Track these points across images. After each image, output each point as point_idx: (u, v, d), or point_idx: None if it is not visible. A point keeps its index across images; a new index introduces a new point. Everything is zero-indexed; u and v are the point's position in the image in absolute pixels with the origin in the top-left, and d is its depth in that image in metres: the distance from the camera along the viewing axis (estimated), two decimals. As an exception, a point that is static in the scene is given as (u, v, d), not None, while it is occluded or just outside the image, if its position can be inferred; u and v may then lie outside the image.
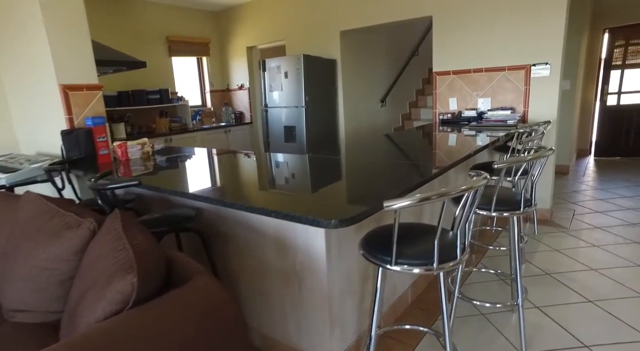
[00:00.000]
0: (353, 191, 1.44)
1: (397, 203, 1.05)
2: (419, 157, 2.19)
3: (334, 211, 1.18)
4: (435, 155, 2.22)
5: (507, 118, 3.41)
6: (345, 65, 4.75)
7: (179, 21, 5.42)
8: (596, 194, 4.28)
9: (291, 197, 1.38)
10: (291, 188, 1.53)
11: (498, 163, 1.53)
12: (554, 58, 3.31)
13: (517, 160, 1.60)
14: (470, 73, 3.76)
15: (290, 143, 4.56)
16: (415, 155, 2.26)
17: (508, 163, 1.54)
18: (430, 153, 2.30)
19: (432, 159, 2.09)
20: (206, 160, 2.41)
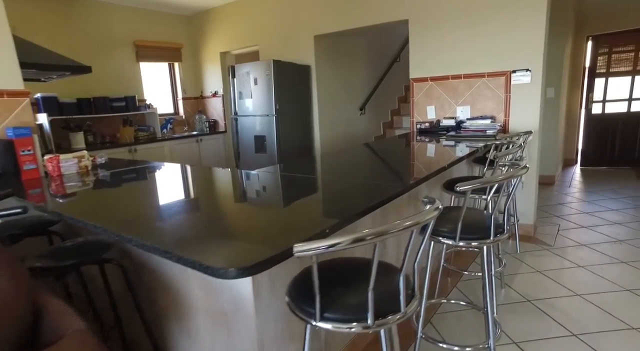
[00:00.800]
0: (289, 221, 1.18)
1: (308, 248, 0.79)
2: (385, 173, 1.95)
3: (242, 255, 0.91)
4: (404, 170, 1.97)
5: (487, 128, 3.19)
6: (321, 71, 4.52)
7: (147, 25, 5.16)
8: (582, 207, 4.08)
9: (209, 231, 1.11)
10: (217, 218, 1.27)
11: (460, 185, 1.29)
12: (534, 64, 3.12)
13: (485, 181, 1.35)
14: (449, 79, 3.55)
15: (260, 153, 4.30)
16: (381, 170, 2.02)
17: (473, 186, 1.30)
18: (399, 168, 2.06)
19: (399, 175, 1.85)
20: (147, 177, 2.14)
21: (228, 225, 1.15)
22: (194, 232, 1.10)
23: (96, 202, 1.59)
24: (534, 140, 3.24)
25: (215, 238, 1.04)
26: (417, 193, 2.45)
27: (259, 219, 1.20)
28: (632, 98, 5.66)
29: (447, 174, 2.88)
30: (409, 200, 2.35)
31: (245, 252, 0.93)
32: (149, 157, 4.65)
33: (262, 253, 0.88)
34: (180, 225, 1.18)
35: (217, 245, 0.99)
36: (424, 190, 2.51)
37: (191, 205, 1.42)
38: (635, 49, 5.51)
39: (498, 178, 1.36)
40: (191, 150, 5.19)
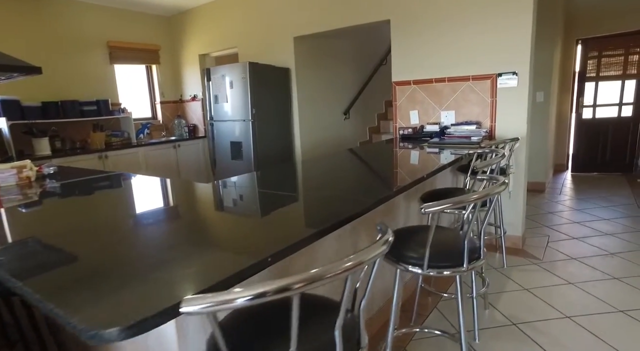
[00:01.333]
0: (226, 248, 0.98)
1: (199, 306, 0.58)
2: (357, 184, 1.75)
3: (130, 310, 0.70)
4: (379, 181, 1.78)
5: (472, 134, 3.01)
6: (301, 74, 4.33)
7: (122, 26, 4.94)
8: (572, 216, 3.91)
9: (113, 269, 0.90)
10: (142, 250, 1.06)
11: (426, 206, 1.09)
12: (521, 67, 2.95)
13: (456, 201, 1.16)
14: (432, 83, 3.38)
15: (237, 160, 4.09)
16: (354, 181, 1.82)
17: (439, 208, 1.10)
18: (374, 180, 1.86)
19: (372, 187, 1.65)
20: (91, 192, 1.92)
21: (143, 260, 0.94)
22: (96, 270, 0.89)
23: (11, 222, 1.37)
24: (521, 147, 3.07)
25: (115, 279, 0.83)
26: (393, 206, 2.25)
27: (184, 250, 0.99)
28: (622, 103, 5.54)
29: (430, 184, 2.70)
30: (386, 211, 2.15)
31: (141, 301, 0.72)
32: (120, 164, 4.42)
33: (144, 310, 0.67)
34: (86, 258, 0.97)
35: (110, 291, 0.77)
36: (401, 203, 2.31)
37: (116, 232, 1.20)
38: (624, 52, 5.39)
39: (470, 198, 1.16)
40: (168, 157, 4.96)
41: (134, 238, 1.10)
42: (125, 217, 1.35)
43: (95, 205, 1.60)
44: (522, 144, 3.06)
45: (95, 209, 1.53)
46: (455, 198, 1.18)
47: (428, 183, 2.65)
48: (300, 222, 1.22)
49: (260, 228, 1.15)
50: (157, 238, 1.09)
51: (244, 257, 0.92)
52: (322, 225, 1.11)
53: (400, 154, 2.71)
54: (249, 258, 0.89)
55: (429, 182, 2.68)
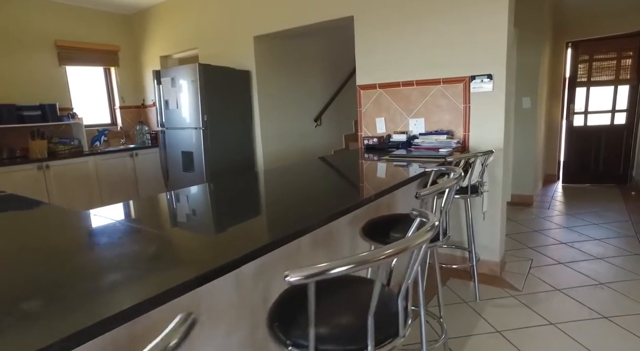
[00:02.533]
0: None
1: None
2: (296, 205, 1.36)
3: None
4: (324, 201, 1.38)
5: (441, 146, 2.62)
6: (263, 77, 3.95)
7: (74, 24, 4.56)
8: (561, 235, 3.52)
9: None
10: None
11: (292, 274, 0.69)
12: (497, 69, 2.57)
13: (359, 261, 0.75)
14: (400, 87, 3.00)
15: (188, 172, 3.69)
16: (293, 201, 1.43)
17: (352, 267, 0.70)
18: (316, 199, 1.47)
19: (308, 210, 1.26)
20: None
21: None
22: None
23: None
24: (497, 161, 2.68)
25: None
26: (333, 234, 1.85)
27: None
28: (615, 109, 5.18)
29: (387, 205, 2.30)
30: (324, 240, 1.75)
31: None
32: (65, 175, 4.01)
33: None
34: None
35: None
36: (344, 228, 1.91)
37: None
38: (617, 56, 5.04)
39: (380, 255, 0.76)
40: (124, 166, 4.56)
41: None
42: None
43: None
44: (499, 157, 2.67)
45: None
46: (358, 257, 0.78)
47: (384, 205, 2.25)
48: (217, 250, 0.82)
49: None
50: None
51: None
52: (223, 260, 0.71)
53: (355, 169, 2.32)
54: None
55: (385, 203, 2.28)
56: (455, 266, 2.67)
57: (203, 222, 1.27)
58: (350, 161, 2.62)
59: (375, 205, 2.16)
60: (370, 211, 2.11)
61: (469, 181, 2.34)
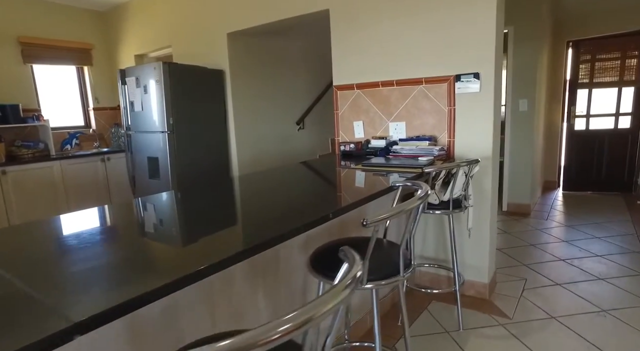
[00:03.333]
0: None
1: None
2: (248, 221, 1.07)
3: None
4: (276, 217, 1.09)
5: (421, 153, 2.33)
6: (238, 78, 3.67)
7: (41, 19, 4.29)
8: (559, 250, 3.21)
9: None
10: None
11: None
12: (485, 68, 2.28)
13: (283, 325, 0.46)
14: (379, 87, 2.71)
15: (154, 179, 3.41)
16: (245, 216, 1.14)
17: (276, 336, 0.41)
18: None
19: (257, 228, 0.97)
20: None
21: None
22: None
23: None
24: (485, 171, 2.38)
25: None
26: (280, 259, 1.55)
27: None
28: (619, 113, 4.87)
29: (351, 225, 2.00)
30: (280, 260, 1.46)
31: None
32: (26, 181, 3.74)
33: None
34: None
35: None
36: (295, 253, 1.62)
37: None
38: (621, 56, 4.74)
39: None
40: (94, 171, 4.28)
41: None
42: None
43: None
44: (487, 166, 2.37)
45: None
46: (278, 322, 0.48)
47: (348, 224, 1.96)
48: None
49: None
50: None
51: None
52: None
53: (321, 180, 2.03)
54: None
55: (348, 222, 1.99)
56: (437, 291, 2.37)
57: (86, 255, 0.98)
58: (321, 170, 2.33)
59: (339, 224, 1.87)
60: (333, 230, 1.82)
61: (450, 194, 2.04)
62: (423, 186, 1.35)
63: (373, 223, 1.07)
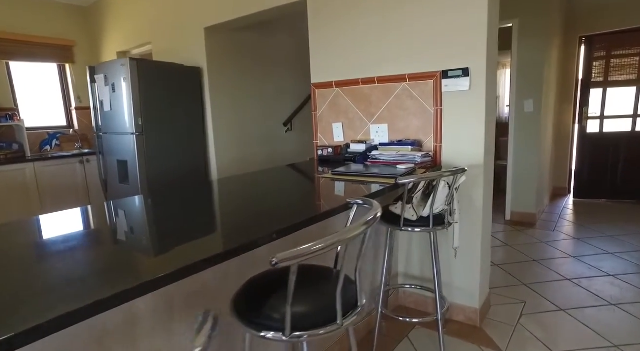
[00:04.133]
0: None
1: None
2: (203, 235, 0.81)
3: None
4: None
5: (402, 160, 2.04)
6: (218, 76, 3.42)
7: (18, 15, 4.12)
8: (566, 268, 2.88)
9: None
10: None
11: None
12: (475, 63, 1.98)
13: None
14: (359, 85, 2.42)
15: (124, 184, 3.18)
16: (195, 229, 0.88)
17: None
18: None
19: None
20: None
21: None
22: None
23: None
24: (476, 182, 2.07)
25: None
26: (211, 281, 1.28)
27: None
28: (638, 114, 4.48)
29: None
30: (208, 289, 1.19)
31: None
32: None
33: None
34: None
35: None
36: (221, 281, 1.35)
37: None
38: (639, 52, 4.34)
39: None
40: (72, 173, 4.08)
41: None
42: None
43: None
44: (478, 176, 2.07)
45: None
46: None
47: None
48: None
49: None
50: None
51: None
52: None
53: (284, 189, 1.76)
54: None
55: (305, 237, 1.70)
56: (416, 320, 2.07)
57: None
58: (290, 178, 2.05)
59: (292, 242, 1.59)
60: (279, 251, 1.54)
61: (430, 210, 1.75)
62: (374, 206, 1.06)
63: (284, 261, 0.79)
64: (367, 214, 1.00)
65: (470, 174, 2.07)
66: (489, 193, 2.20)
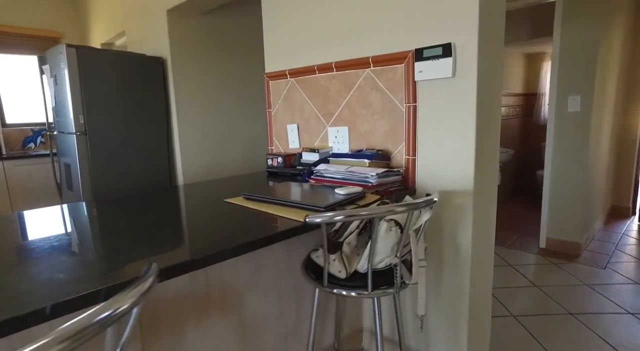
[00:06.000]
0: None
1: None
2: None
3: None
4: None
5: (351, 179, 1.40)
6: (183, 67, 2.93)
7: (1, 5, 3.91)
8: (619, 331, 2.05)
9: None
10: None
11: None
12: (461, 34, 1.29)
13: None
14: (315, 74, 1.80)
15: (70, 190, 2.80)
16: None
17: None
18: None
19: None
20: None
21: None
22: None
23: None
24: (463, 215, 1.38)
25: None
26: None
27: None
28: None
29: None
30: None
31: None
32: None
33: None
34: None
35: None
36: None
37: None
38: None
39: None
40: (46, 173, 3.82)
41: None
42: None
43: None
44: (466, 209, 1.37)
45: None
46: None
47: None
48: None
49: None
50: None
51: None
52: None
53: (165, 216, 1.20)
54: None
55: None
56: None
57: None
58: (192, 200, 1.49)
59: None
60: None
61: (368, 264, 1.10)
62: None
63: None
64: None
65: (453, 205, 1.38)
66: (487, 233, 1.49)
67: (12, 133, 4.04)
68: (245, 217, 1.14)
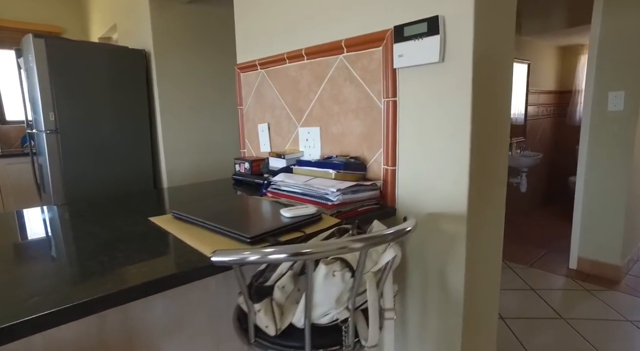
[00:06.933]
0: None
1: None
2: None
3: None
4: None
5: (310, 194, 1.09)
6: (168, 60, 2.70)
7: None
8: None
9: None
10: None
11: None
12: (453, 7, 0.94)
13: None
14: (285, 63, 1.49)
15: (44, 193, 2.62)
16: None
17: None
18: None
19: None
20: None
21: None
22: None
23: None
24: (454, 246, 1.04)
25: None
26: None
27: None
28: None
29: None
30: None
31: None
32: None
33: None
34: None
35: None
36: None
37: None
38: None
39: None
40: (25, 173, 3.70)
41: None
42: None
43: None
44: (458, 237, 1.03)
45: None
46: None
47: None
48: None
49: None
50: None
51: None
52: None
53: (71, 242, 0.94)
54: None
55: None
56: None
57: None
58: (122, 214, 1.23)
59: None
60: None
61: (305, 319, 0.79)
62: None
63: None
64: None
65: (440, 232, 1.05)
66: (489, 271, 1.13)
67: (12, 130, 3.97)
68: (156, 246, 0.85)
